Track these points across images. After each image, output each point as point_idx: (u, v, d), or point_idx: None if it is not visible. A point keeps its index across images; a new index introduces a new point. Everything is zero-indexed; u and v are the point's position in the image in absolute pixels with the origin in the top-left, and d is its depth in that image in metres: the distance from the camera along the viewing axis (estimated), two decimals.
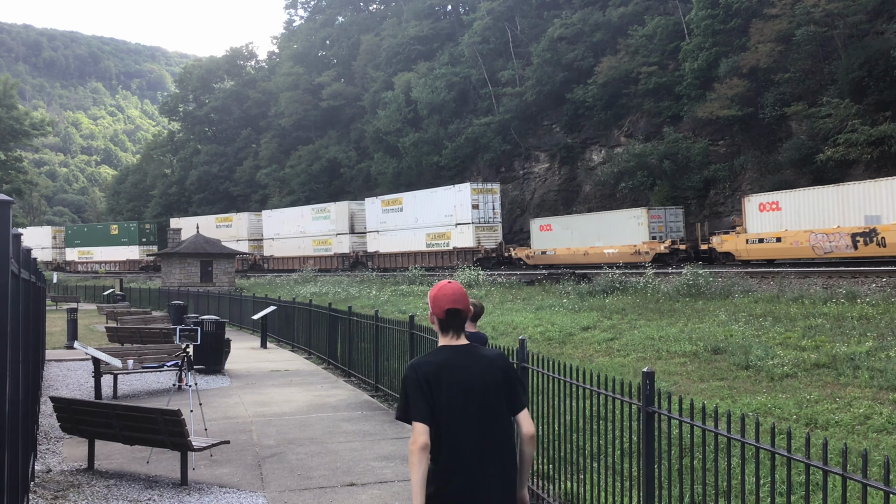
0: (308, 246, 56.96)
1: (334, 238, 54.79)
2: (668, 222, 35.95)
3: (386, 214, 49.99)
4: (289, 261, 58.40)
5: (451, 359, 3.70)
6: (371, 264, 50.34)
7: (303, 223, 57.57)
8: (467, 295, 3.88)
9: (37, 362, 10.00)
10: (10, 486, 4.40)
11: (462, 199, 44.06)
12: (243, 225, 64.73)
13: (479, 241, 43.35)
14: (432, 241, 46.15)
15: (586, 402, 6.39)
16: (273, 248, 60.86)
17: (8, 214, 3.89)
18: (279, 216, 61.11)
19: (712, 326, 15.53)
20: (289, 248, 59.02)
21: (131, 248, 73.58)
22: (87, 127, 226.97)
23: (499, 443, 3.65)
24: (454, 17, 70.34)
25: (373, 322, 13.39)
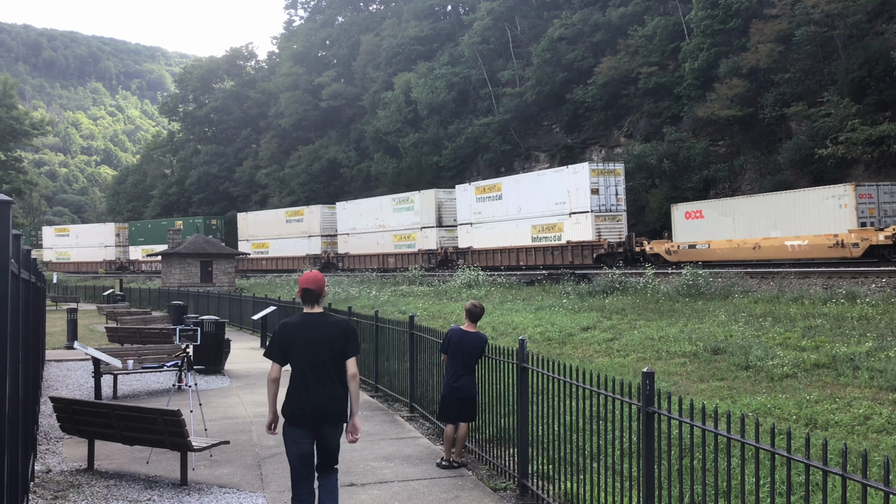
0: (388, 242, 49.25)
1: (418, 232, 46.71)
2: (880, 203, 26.86)
3: (481, 203, 42.17)
4: (366, 259, 50.99)
5: (305, 321, 5.69)
6: (463, 262, 41.97)
7: (382, 216, 49.81)
8: (323, 280, 5.81)
9: (37, 362, 10.00)
10: (9, 486, 4.40)
11: (578, 183, 36.22)
12: (315, 219, 56.91)
13: (600, 233, 35.73)
14: (540, 234, 38.43)
15: (586, 403, 6.39)
16: (348, 244, 53.25)
17: (8, 214, 3.89)
18: (355, 208, 53.11)
19: (712, 327, 15.53)
20: (366, 244, 51.37)
21: None
22: (87, 127, 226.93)
23: (331, 378, 5.58)
24: (454, 17, 70.34)
25: (373, 322, 13.40)
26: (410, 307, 24.77)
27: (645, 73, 44.69)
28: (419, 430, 10.25)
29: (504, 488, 7.59)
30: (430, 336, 10.38)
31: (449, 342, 8.30)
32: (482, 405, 8.64)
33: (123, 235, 76.90)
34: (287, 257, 58.45)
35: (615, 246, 35.44)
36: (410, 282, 36.50)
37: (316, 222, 56.93)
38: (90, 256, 77.78)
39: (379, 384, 13.16)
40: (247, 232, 63.10)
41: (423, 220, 46.61)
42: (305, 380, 5.58)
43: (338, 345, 5.63)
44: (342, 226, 54.18)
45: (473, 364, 8.34)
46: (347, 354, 5.65)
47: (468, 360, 8.27)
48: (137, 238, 73.85)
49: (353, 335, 5.71)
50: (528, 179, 40.45)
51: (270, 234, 60.57)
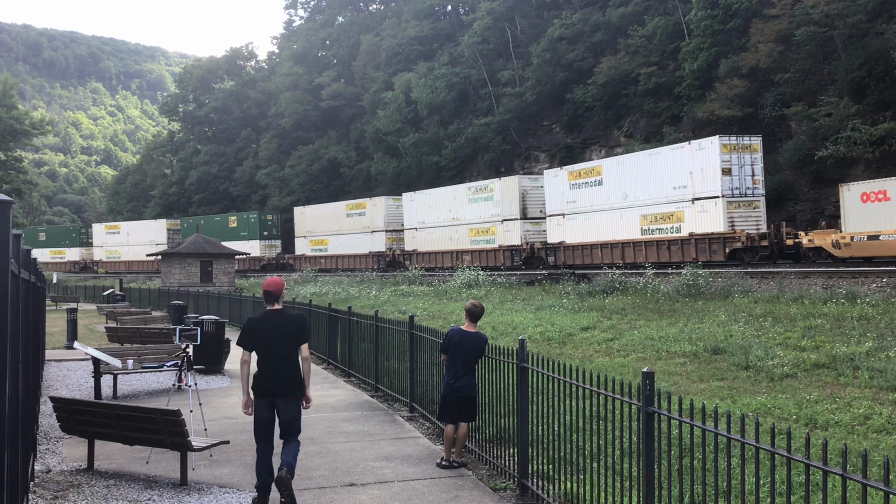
0: (463, 237, 43.10)
1: (499, 226, 40.68)
2: None
3: (576, 191, 35.97)
4: (437, 256, 44.85)
5: (267, 317, 7.21)
6: (554, 260, 36.92)
7: (455, 207, 43.69)
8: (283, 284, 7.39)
9: (37, 362, 10.00)
10: (9, 486, 4.40)
11: (704, 161, 29.87)
12: (379, 212, 51.13)
13: (733, 222, 29.20)
14: (651, 225, 32.09)
15: (586, 403, 6.39)
16: (416, 240, 46.99)
17: (8, 214, 3.89)
18: (424, 199, 46.81)
19: (712, 326, 15.53)
20: (436, 240, 45.19)
21: (251, 243, 61.88)
22: (87, 127, 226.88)
23: (287, 361, 7.06)
24: (454, 17, 70.34)
25: (372, 322, 13.39)
26: (410, 307, 24.77)
27: (645, 73, 44.69)
28: (419, 429, 10.25)
29: (504, 488, 7.59)
30: (430, 336, 10.38)
31: (449, 342, 8.30)
32: (482, 405, 8.64)
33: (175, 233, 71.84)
34: (348, 255, 53.25)
35: (755, 238, 28.70)
36: (410, 282, 36.50)
37: (380, 216, 50.98)
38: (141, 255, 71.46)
39: (379, 384, 13.16)
40: (304, 228, 58.11)
41: (505, 211, 40.26)
42: (266, 362, 7.05)
43: (293, 334, 7.14)
44: (409, 219, 47.67)
45: (474, 364, 8.35)
46: (301, 341, 7.18)
47: (468, 361, 8.27)
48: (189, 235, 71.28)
49: (305, 326, 7.34)
50: (635, 160, 33.53)
51: (329, 229, 55.30)
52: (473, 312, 8.47)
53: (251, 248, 61.09)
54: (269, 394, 7.01)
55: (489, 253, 41.25)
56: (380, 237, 50.93)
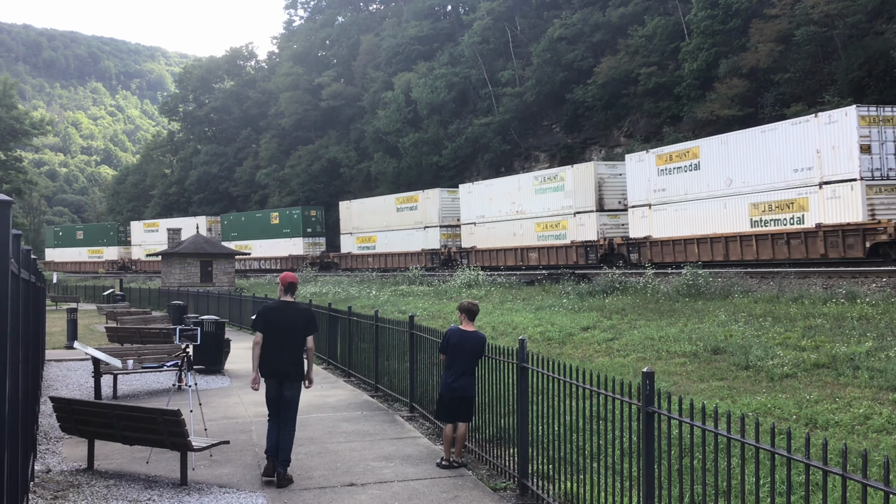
0: (528, 232, 38.40)
1: (571, 219, 35.90)
2: None
3: (666, 177, 30.86)
4: (499, 254, 40.11)
5: (280, 307, 8.23)
6: (637, 257, 32.07)
7: (520, 199, 39.01)
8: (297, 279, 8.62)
9: (37, 362, 10.00)
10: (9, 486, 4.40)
11: (837, 137, 24.55)
12: (433, 206, 46.09)
13: (874, 211, 23.73)
14: (765, 215, 26.85)
15: (586, 403, 6.39)
16: (475, 236, 41.97)
17: (8, 214, 3.89)
18: (484, 190, 41.89)
19: (712, 326, 15.53)
20: (498, 235, 40.41)
21: (294, 240, 58.88)
22: (87, 127, 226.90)
23: (294, 349, 8.04)
24: (454, 17, 70.35)
25: (372, 322, 13.39)
26: (410, 307, 24.77)
27: (645, 73, 44.70)
28: (419, 429, 10.25)
29: (504, 488, 7.59)
30: (430, 336, 10.38)
31: (448, 342, 8.30)
32: (483, 405, 8.64)
33: (215, 230, 68.54)
34: (398, 253, 48.53)
35: None
36: (410, 281, 36.50)
37: (433, 210, 46.02)
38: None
39: (379, 384, 13.16)
40: (350, 224, 53.79)
41: (578, 202, 35.48)
42: (275, 348, 7.99)
43: (302, 325, 8.12)
44: (467, 213, 42.73)
45: (474, 364, 8.36)
46: (308, 332, 8.16)
47: (468, 360, 8.28)
48: (230, 233, 65.50)
49: (313, 319, 8.37)
50: (744, 139, 27.93)
51: (378, 225, 50.75)
52: (472, 311, 8.49)
53: (294, 247, 58.38)
54: (276, 375, 7.99)
55: (559, 250, 36.33)
56: (433, 233, 45.92)
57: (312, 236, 59.17)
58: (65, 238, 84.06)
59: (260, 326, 8.14)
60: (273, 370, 7.99)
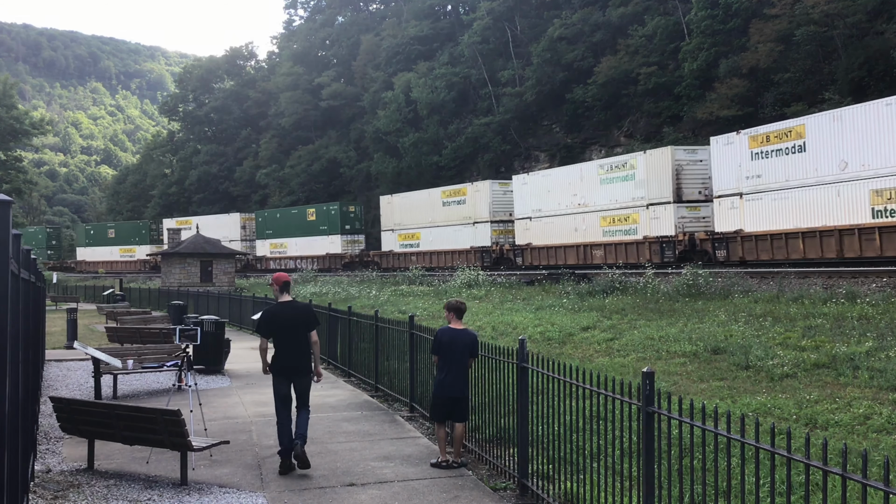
0: (593, 227, 34.41)
1: (643, 212, 31.79)
2: None
3: (762, 161, 26.86)
4: (557, 252, 36.13)
5: (283, 308, 8.55)
6: (726, 254, 28.05)
7: (583, 190, 35.07)
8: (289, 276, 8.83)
9: (37, 362, 10.00)
10: (10, 486, 4.40)
11: None
12: (482, 199, 42.05)
13: None
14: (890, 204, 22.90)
15: (586, 403, 6.39)
16: (530, 232, 38.12)
17: (8, 214, 3.89)
18: (540, 182, 37.92)
19: (712, 326, 15.53)
20: (557, 231, 36.33)
21: (332, 238, 55.10)
22: (87, 127, 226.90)
23: (302, 345, 8.50)
24: (454, 17, 70.36)
25: (372, 322, 13.39)
26: (410, 307, 24.77)
27: (645, 73, 44.70)
28: (419, 429, 10.25)
29: (504, 488, 7.59)
30: (430, 336, 10.38)
31: (440, 343, 8.31)
32: (483, 405, 8.65)
33: (250, 227, 65.16)
34: (444, 251, 44.25)
35: None
36: (410, 281, 36.47)
37: (483, 203, 41.95)
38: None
39: (379, 384, 13.16)
40: (391, 219, 49.72)
41: (651, 192, 31.45)
42: (285, 347, 8.42)
43: (306, 322, 8.56)
44: (521, 207, 38.87)
45: (467, 363, 8.38)
46: (311, 328, 8.60)
47: (461, 359, 8.30)
48: (265, 230, 61.89)
49: (314, 314, 9.00)
50: (862, 114, 23.93)
51: (422, 220, 46.54)
52: (460, 309, 8.55)
53: (332, 245, 54.88)
54: (288, 372, 8.40)
55: (629, 246, 32.52)
56: (483, 229, 41.81)
57: (351, 233, 55.26)
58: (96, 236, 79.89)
59: (265, 331, 8.50)
60: (285, 367, 8.40)
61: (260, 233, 62.74)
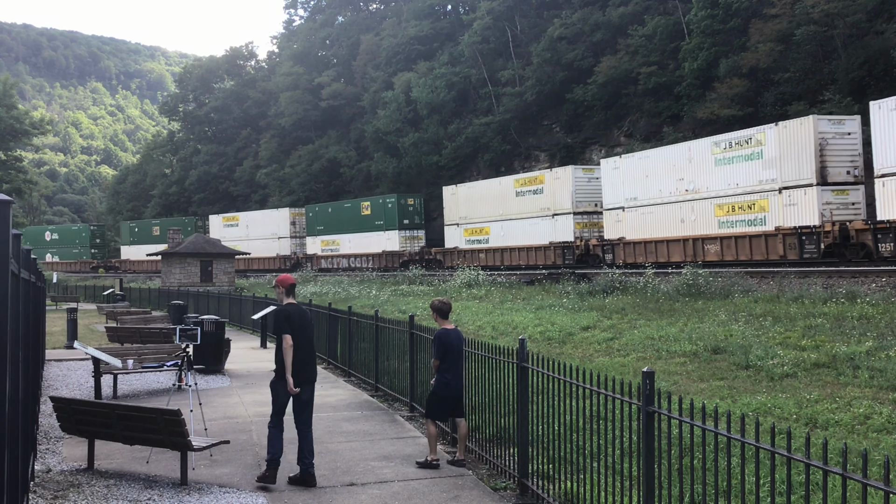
0: (705, 217, 29.04)
1: (773, 197, 26.52)
2: None
3: None
4: (658, 247, 30.99)
5: (295, 309, 8.13)
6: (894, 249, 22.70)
7: (691, 173, 29.65)
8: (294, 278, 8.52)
9: (37, 362, 10.00)
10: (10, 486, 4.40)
11: None
12: (563, 188, 36.67)
13: None
14: None
15: (586, 402, 6.39)
16: (623, 224, 32.95)
17: (8, 214, 3.89)
18: (637, 165, 32.36)
19: (712, 326, 15.53)
20: (657, 223, 31.26)
21: (388, 234, 50.56)
22: (87, 127, 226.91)
23: (312, 350, 8.28)
24: (454, 17, 70.33)
25: (373, 322, 13.39)
26: (410, 307, 24.77)
27: (645, 73, 44.69)
28: (419, 429, 10.25)
29: (504, 488, 7.59)
30: (430, 336, 10.38)
31: (447, 345, 8.36)
32: (483, 405, 8.66)
33: (300, 223, 60.62)
34: (517, 248, 39.50)
35: None
36: (410, 281, 36.48)
37: (564, 192, 36.67)
38: (263, 251, 61.13)
39: (379, 384, 13.16)
40: (456, 213, 44.77)
41: (786, 173, 26.11)
42: (303, 351, 8.00)
43: (311, 326, 8.39)
44: (612, 195, 33.72)
45: (461, 360, 8.52)
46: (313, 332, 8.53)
47: (460, 358, 8.51)
48: (315, 226, 57.63)
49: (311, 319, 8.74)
50: None
51: (491, 213, 41.70)
52: (446, 310, 8.68)
53: (388, 241, 50.32)
54: (310, 379, 8.05)
55: (755, 240, 27.03)
56: (565, 222, 36.67)
57: (409, 229, 50.19)
58: (140, 234, 75.13)
59: (288, 329, 7.92)
60: (308, 373, 8.01)
61: (310, 229, 58.22)
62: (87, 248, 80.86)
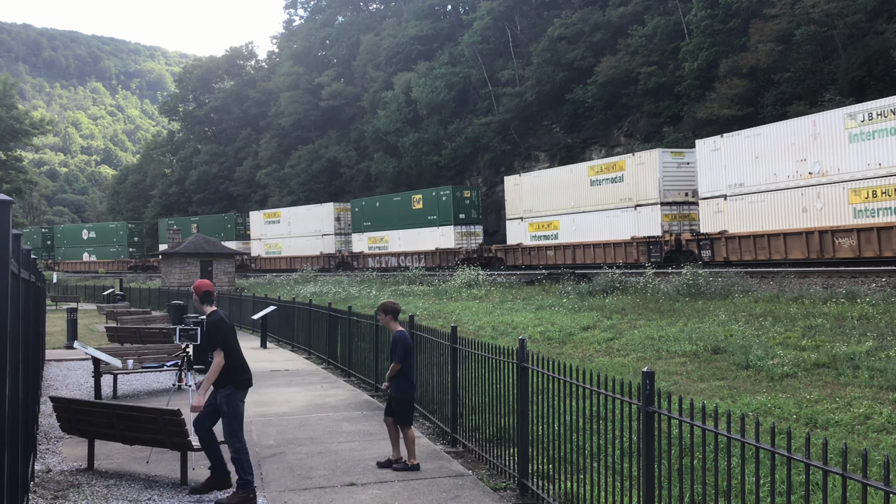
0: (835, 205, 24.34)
1: None
2: None
3: None
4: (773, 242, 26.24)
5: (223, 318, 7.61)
6: None
7: (816, 152, 24.95)
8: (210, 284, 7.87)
9: (37, 362, 10.00)
10: (10, 486, 4.40)
11: None
12: (648, 174, 32.11)
13: None
14: None
15: (586, 402, 6.39)
16: (726, 215, 28.32)
17: (8, 214, 3.89)
18: (743, 145, 27.64)
19: (712, 326, 15.53)
20: (771, 213, 26.44)
21: (442, 230, 45.80)
22: (87, 127, 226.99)
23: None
24: (454, 17, 70.34)
25: (373, 322, 13.39)
26: (410, 307, 24.77)
27: (645, 73, 44.70)
28: (419, 429, 10.25)
29: (504, 488, 7.59)
30: (430, 336, 10.40)
31: (407, 348, 8.40)
32: (482, 405, 8.66)
33: (345, 219, 56.52)
34: (592, 243, 34.93)
35: None
36: (410, 281, 36.47)
37: (650, 180, 32.02)
38: (305, 249, 57.79)
39: (379, 384, 13.15)
40: (519, 205, 40.19)
41: None
42: (240, 357, 7.57)
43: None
44: (710, 181, 29.10)
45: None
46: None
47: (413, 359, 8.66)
48: (362, 222, 53.17)
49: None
50: None
51: (561, 205, 37.13)
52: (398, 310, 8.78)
53: (443, 238, 45.66)
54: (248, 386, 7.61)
55: None
56: (650, 214, 32.02)
57: (466, 224, 45.52)
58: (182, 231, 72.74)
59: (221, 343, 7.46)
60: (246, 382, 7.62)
61: (356, 225, 53.96)
62: (125, 247, 76.56)
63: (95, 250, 79.18)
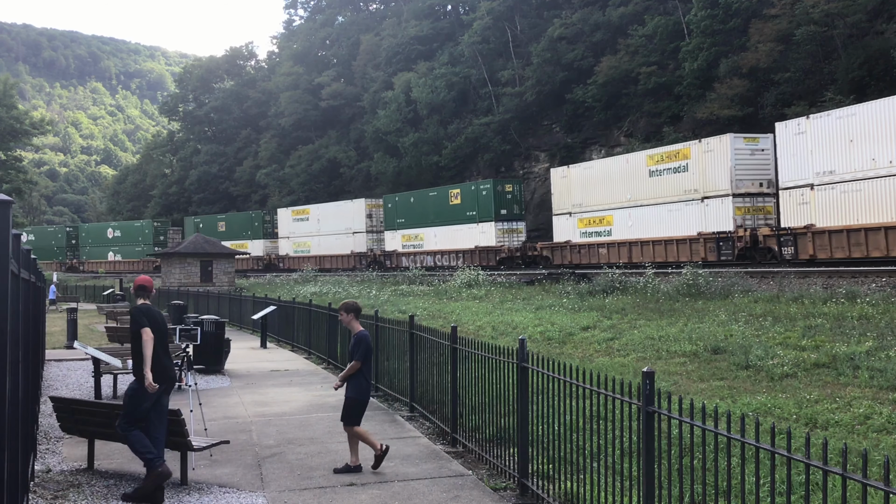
0: None
1: None
2: None
3: None
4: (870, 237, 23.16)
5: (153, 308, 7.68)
6: None
7: None
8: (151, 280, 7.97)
9: (37, 362, 10.00)
10: (9, 486, 4.40)
11: None
12: (718, 162, 29.17)
13: None
14: None
15: (586, 402, 6.39)
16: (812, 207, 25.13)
17: (8, 214, 3.89)
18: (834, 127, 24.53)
19: (712, 326, 15.52)
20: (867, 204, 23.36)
21: (482, 226, 42.30)
22: (87, 127, 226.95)
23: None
24: (454, 17, 70.36)
25: (372, 322, 13.38)
26: (410, 307, 24.76)
27: (645, 73, 44.71)
28: (419, 429, 10.25)
29: (504, 488, 7.59)
30: (430, 336, 10.40)
31: (368, 347, 8.40)
32: (483, 405, 8.66)
33: (377, 216, 53.40)
34: (650, 240, 31.93)
35: None
36: (410, 281, 36.46)
37: (720, 169, 29.04)
38: (336, 248, 55.03)
39: (379, 384, 13.15)
40: (568, 199, 36.96)
41: None
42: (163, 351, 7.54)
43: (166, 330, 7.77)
44: (792, 169, 25.86)
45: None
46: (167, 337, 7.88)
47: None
48: (395, 219, 49.96)
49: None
50: None
51: (615, 199, 34.00)
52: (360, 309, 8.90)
53: (483, 235, 42.30)
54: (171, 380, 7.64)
55: None
56: (720, 207, 29.03)
57: (508, 220, 42.09)
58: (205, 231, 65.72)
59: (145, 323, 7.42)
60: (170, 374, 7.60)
61: (389, 222, 50.87)
62: (151, 246, 71.37)
63: (121, 249, 76.07)
